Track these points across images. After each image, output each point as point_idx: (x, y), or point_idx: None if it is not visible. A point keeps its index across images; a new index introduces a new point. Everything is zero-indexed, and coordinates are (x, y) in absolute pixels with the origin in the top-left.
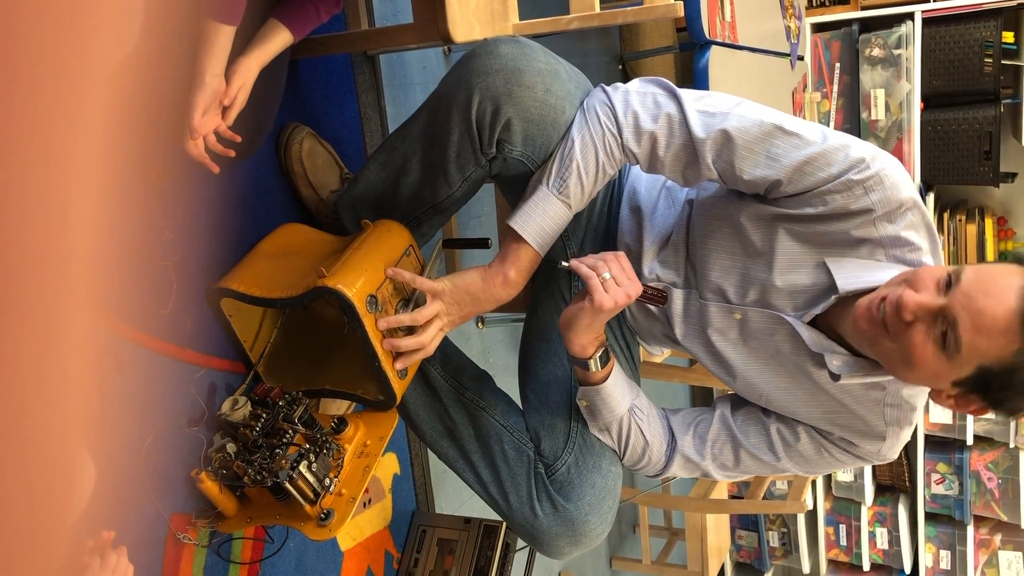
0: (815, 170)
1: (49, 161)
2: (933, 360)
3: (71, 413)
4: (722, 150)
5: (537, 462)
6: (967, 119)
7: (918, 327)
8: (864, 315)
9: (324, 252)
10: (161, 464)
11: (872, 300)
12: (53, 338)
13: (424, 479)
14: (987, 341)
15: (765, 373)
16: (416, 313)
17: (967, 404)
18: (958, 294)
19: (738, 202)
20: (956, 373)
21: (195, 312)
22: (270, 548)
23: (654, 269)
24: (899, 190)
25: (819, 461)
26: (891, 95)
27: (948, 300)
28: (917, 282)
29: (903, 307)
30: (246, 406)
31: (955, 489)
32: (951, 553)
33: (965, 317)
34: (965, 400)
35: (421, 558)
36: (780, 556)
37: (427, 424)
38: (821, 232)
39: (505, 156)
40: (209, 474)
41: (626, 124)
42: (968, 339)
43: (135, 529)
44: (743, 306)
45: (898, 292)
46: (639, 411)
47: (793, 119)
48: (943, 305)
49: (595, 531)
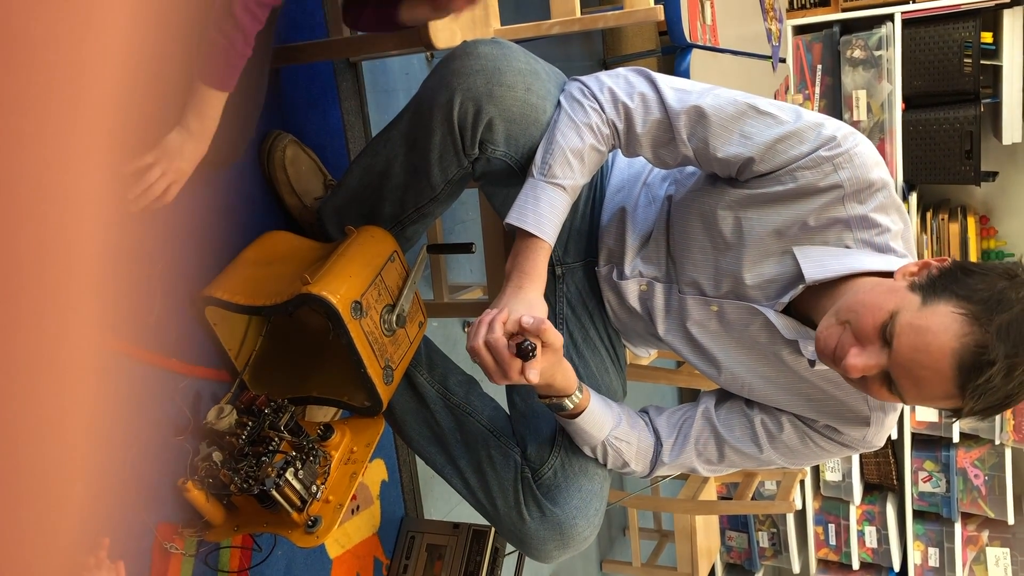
0: (787, 148)
1: (46, 160)
2: (888, 397)
3: (72, 418)
4: (696, 127)
5: (524, 467)
6: (948, 119)
7: (870, 378)
8: (821, 352)
9: (309, 259)
10: (147, 474)
11: (826, 342)
12: (53, 341)
13: (412, 485)
14: (932, 402)
15: (747, 363)
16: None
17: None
18: (895, 359)
19: (711, 194)
20: (913, 404)
21: (179, 321)
22: (258, 556)
23: (637, 266)
24: (869, 170)
25: (804, 451)
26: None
27: (889, 361)
28: (862, 334)
29: (847, 371)
30: (232, 414)
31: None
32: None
33: (906, 384)
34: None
35: (410, 564)
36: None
37: (414, 430)
38: (790, 217)
39: (488, 156)
40: (195, 483)
41: (604, 99)
42: (913, 399)
43: (122, 539)
44: (718, 298)
45: (844, 348)
46: (616, 440)
47: (767, 100)
48: (884, 366)
49: (583, 534)
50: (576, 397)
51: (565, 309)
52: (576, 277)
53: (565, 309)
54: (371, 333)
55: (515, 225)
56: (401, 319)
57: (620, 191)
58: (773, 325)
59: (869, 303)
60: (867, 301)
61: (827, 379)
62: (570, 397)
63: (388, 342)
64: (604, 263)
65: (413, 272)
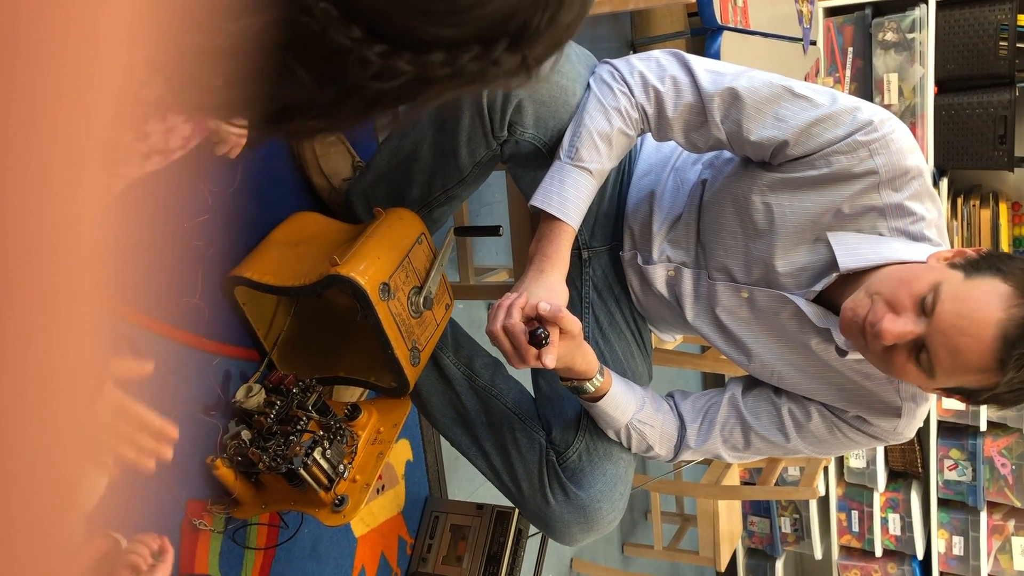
0: (822, 131)
1: (52, 152)
2: (914, 375)
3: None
4: (730, 109)
5: (548, 450)
6: (981, 103)
7: (899, 349)
8: (847, 325)
9: (337, 240)
10: (177, 451)
11: (856, 314)
12: (57, 331)
13: (437, 466)
14: (965, 376)
15: (776, 351)
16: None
17: (951, 396)
18: (936, 326)
19: (744, 179)
20: (937, 385)
21: (209, 301)
22: (285, 534)
23: (665, 250)
24: (905, 156)
25: (831, 441)
26: (904, 79)
27: (926, 329)
28: (896, 302)
29: (881, 335)
30: (260, 393)
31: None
32: (964, 539)
33: (942, 354)
34: (949, 394)
35: (434, 544)
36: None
37: (439, 411)
38: (823, 203)
39: (517, 139)
40: (224, 461)
41: (634, 83)
42: (946, 371)
43: (151, 515)
44: (748, 285)
45: (878, 314)
46: (639, 424)
47: (803, 83)
48: (921, 334)
49: (607, 518)
50: (597, 380)
51: (591, 293)
52: (602, 261)
53: (591, 293)
54: (399, 315)
55: (539, 208)
56: (428, 301)
57: (648, 175)
58: (803, 313)
59: (905, 277)
60: (903, 275)
61: (857, 370)
62: (591, 380)
63: (415, 324)
64: (628, 248)
65: (440, 254)
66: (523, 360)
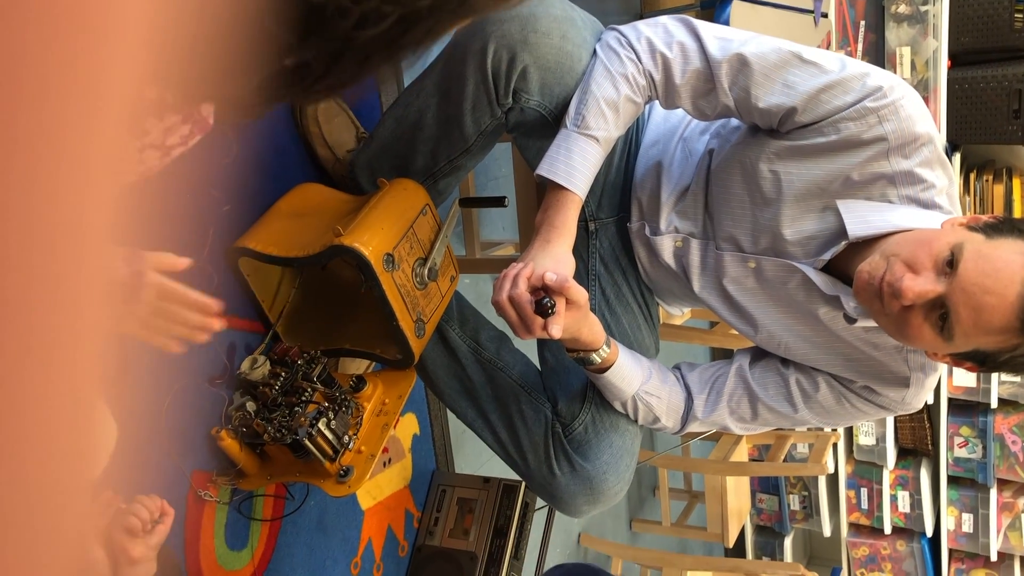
0: (831, 98)
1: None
2: (930, 339)
3: (83, 367)
4: (738, 75)
5: (554, 422)
6: (996, 77)
7: (916, 310)
8: (862, 288)
9: (341, 211)
10: (182, 423)
11: (872, 276)
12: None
13: (443, 439)
14: (985, 337)
15: (783, 321)
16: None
17: (961, 364)
18: (958, 284)
19: (752, 146)
20: (952, 350)
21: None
22: (291, 505)
23: (672, 221)
24: (915, 123)
25: (839, 411)
26: (917, 53)
27: (947, 288)
28: (915, 262)
29: (901, 294)
30: (265, 365)
31: (978, 452)
32: (974, 516)
33: (963, 312)
34: (960, 362)
35: (441, 517)
36: (801, 519)
37: (445, 384)
38: (832, 171)
39: (522, 106)
40: (229, 432)
41: (641, 49)
42: (965, 331)
43: (157, 486)
44: (756, 255)
45: (897, 274)
46: (646, 395)
47: (811, 49)
48: (942, 293)
49: (613, 489)
50: (603, 351)
51: (598, 265)
52: (609, 233)
53: (598, 265)
54: (403, 286)
55: (545, 177)
56: (433, 272)
57: (655, 145)
58: (811, 283)
59: (924, 239)
60: (921, 237)
61: (865, 340)
62: (597, 352)
63: (420, 295)
64: (636, 219)
65: (445, 225)
66: (529, 331)
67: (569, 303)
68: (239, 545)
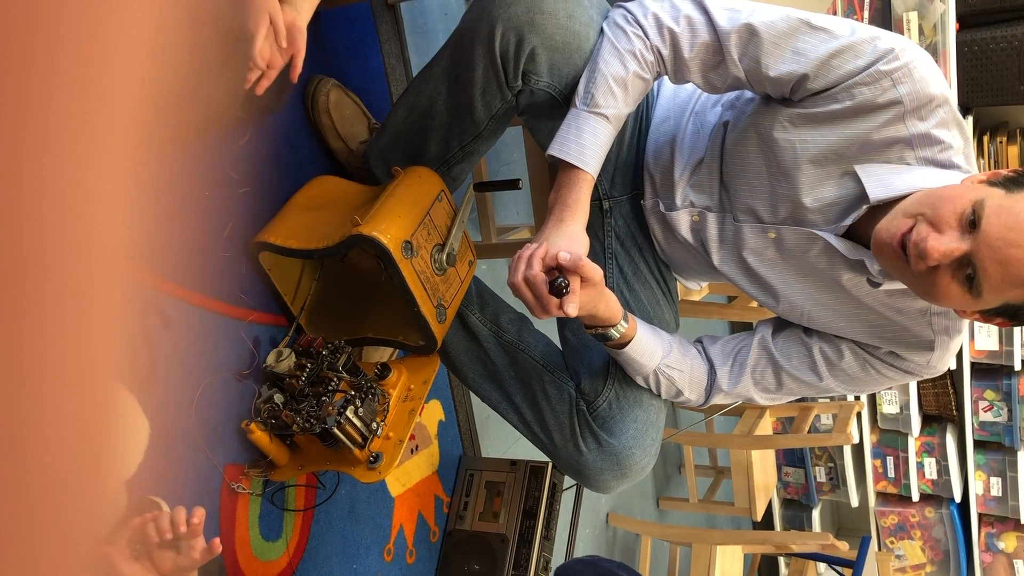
0: (842, 63)
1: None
2: (958, 297)
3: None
4: (748, 45)
5: (578, 399)
6: (1005, 37)
7: (942, 269)
8: (885, 248)
9: (357, 202)
10: (212, 417)
11: (892, 234)
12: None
13: (469, 424)
14: (1014, 290)
15: (805, 291)
16: None
17: (991, 320)
18: (982, 240)
19: (766, 116)
20: (981, 306)
21: (236, 267)
22: (323, 495)
23: (688, 196)
24: (929, 84)
25: (864, 378)
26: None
27: (972, 245)
28: (939, 220)
29: (926, 254)
30: (290, 357)
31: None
32: (1002, 480)
33: (990, 268)
34: (989, 318)
35: (470, 501)
36: (828, 491)
37: (469, 368)
38: (848, 136)
39: (531, 88)
40: (259, 424)
41: (648, 25)
42: (993, 287)
43: (191, 481)
44: (776, 224)
45: (922, 233)
46: (667, 369)
47: (820, 15)
48: (967, 251)
49: (640, 463)
50: (622, 326)
51: (614, 244)
52: (624, 211)
53: (614, 244)
54: (422, 272)
55: (557, 157)
56: (451, 257)
57: (667, 121)
58: (833, 249)
59: (945, 195)
60: (942, 194)
61: (889, 304)
62: (616, 327)
63: (439, 281)
64: (650, 196)
65: (461, 210)
66: (545, 310)
67: (584, 281)
68: (274, 536)
